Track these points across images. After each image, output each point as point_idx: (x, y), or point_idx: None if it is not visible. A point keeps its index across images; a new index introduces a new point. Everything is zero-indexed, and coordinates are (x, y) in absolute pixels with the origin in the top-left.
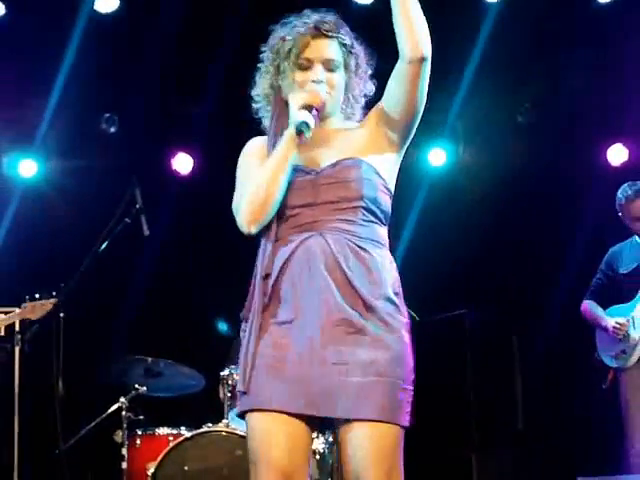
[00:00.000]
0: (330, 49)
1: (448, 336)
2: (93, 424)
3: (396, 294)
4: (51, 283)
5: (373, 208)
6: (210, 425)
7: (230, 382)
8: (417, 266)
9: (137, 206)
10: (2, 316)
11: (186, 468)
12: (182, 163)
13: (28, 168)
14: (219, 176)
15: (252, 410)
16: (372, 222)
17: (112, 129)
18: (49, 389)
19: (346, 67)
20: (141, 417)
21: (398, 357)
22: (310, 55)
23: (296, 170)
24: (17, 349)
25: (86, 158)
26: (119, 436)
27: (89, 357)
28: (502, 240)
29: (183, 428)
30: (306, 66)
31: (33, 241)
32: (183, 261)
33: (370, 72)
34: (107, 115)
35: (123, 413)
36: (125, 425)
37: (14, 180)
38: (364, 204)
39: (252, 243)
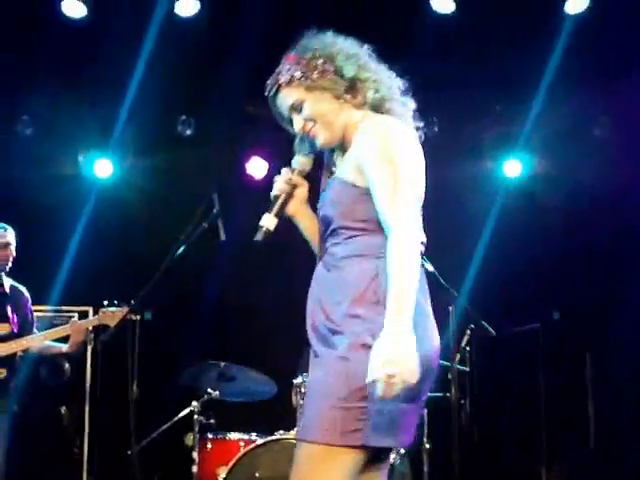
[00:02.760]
0: (280, 101)
1: (521, 351)
2: (165, 427)
3: (375, 303)
4: (126, 284)
5: (349, 224)
6: (282, 432)
7: (303, 390)
8: (492, 279)
9: (214, 210)
10: (78, 321)
11: (257, 475)
12: (257, 167)
13: (104, 168)
14: None
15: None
16: (355, 236)
17: (188, 132)
18: (124, 390)
19: (301, 104)
20: (212, 421)
21: (334, 374)
22: (280, 114)
23: None
24: (89, 348)
25: (161, 159)
26: (190, 439)
27: (164, 360)
28: (578, 253)
29: (254, 434)
30: (289, 123)
31: (108, 241)
32: (258, 267)
33: (325, 68)
34: (183, 117)
35: (195, 417)
36: (197, 429)
37: (90, 180)
38: (339, 223)
39: None
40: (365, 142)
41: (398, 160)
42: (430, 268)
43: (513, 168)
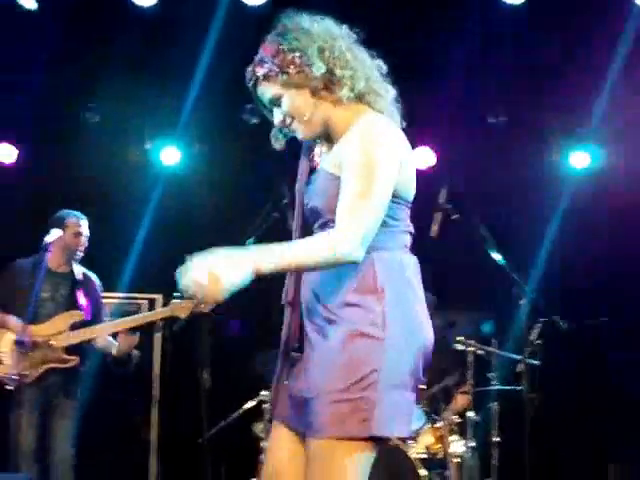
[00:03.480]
0: (262, 92)
1: (589, 344)
2: (234, 416)
3: (371, 292)
4: None
5: (327, 219)
6: None
7: None
8: (561, 271)
9: (284, 201)
10: (148, 311)
11: None
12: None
13: (171, 156)
14: None
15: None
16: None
17: (254, 120)
18: (194, 379)
19: (279, 97)
20: None
21: (331, 366)
22: (260, 104)
23: None
24: (158, 336)
25: (228, 147)
26: (259, 429)
27: (234, 349)
28: None
29: None
30: (269, 114)
31: (176, 229)
32: None
33: (301, 62)
34: (249, 106)
35: (264, 406)
36: (266, 418)
37: (157, 168)
38: (328, 217)
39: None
40: (350, 140)
41: (375, 165)
42: (499, 261)
43: (580, 160)
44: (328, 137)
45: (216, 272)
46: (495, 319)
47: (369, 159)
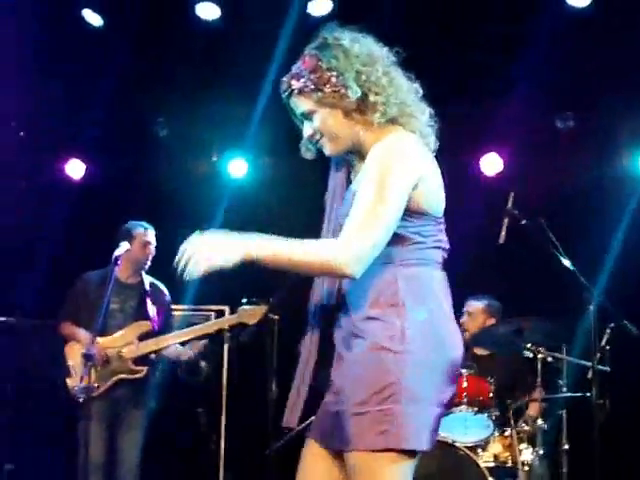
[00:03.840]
0: (294, 105)
1: None
2: (302, 427)
3: (391, 306)
4: (262, 282)
5: None
6: None
7: None
8: (631, 277)
9: None
10: (214, 320)
11: None
12: None
13: (238, 168)
14: None
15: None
16: None
17: None
18: (262, 389)
19: (312, 114)
20: None
21: (352, 379)
22: (294, 116)
23: None
24: (226, 347)
25: (295, 159)
26: None
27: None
28: None
29: None
30: (299, 125)
31: None
32: None
33: (337, 82)
34: None
35: None
36: None
37: (225, 179)
38: None
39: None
40: (372, 157)
41: (388, 179)
42: (569, 266)
43: None
44: (360, 154)
45: (211, 241)
46: (564, 326)
47: (383, 173)
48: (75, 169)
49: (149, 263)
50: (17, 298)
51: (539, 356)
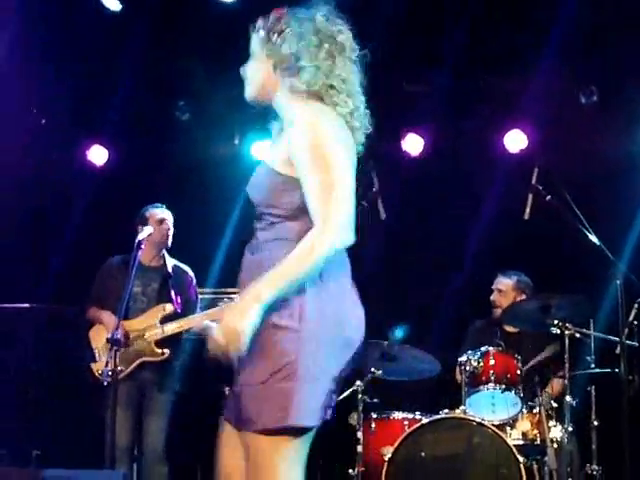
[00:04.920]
0: (253, 43)
1: None
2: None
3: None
4: None
5: (274, 210)
6: (447, 411)
7: (468, 368)
8: None
9: (374, 190)
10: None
11: (422, 454)
12: (411, 144)
13: (261, 150)
14: (448, 156)
15: None
16: (277, 222)
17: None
18: None
19: (256, 57)
20: (376, 400)
21: (253, 359)
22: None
23: None
24: None
25: None
26: (354, 419)
27: None
28: None
29: (418, 413)
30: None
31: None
32: (418, 245)
33: (289, 42)
34: None
35: (359, 396)
36: (360, 408)
37: (247, 161)
38: (262, 210)
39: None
40: (296, 136)
41: (330, 158)
42: (596, 241)
43: None
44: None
45: (230, 326)
46: (591, 301)
47: (319, 152)
48: (98, 155)
49: (170, 242)
50: (38, 284)
51: (566, 332)
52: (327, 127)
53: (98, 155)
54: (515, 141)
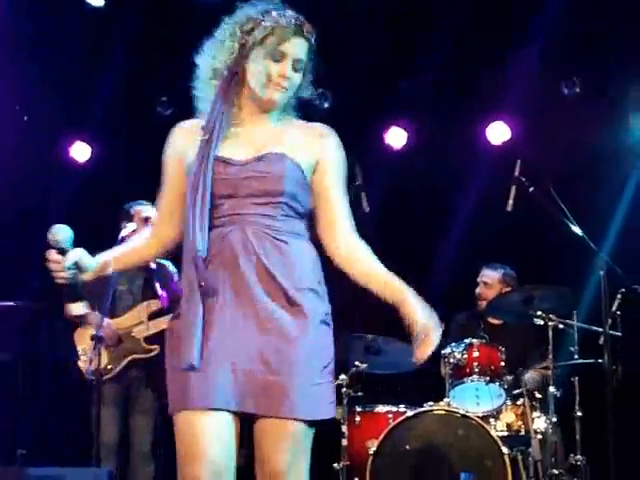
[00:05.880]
0: (303, 50)
1: None
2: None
3: (319, 283)
4: None
5: (294, 204)
6: (431, 403)
7: (452, 360)
8: (636, 241)
9: (357, 183)
10: None
11: (407, 447)
12: (394, 137)
13: None
14: (432, 149)
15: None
16: (292, 217)
17: (326, 104)
18: None
19: (305, 70)
20: (360, 394)
21: (312, 350)
22: (286, 50)
23: (221, 161)
24: None
25: None
26: (339, 413)
27: None
28: None
29: (403, 406)
30: (278, 59)
31: None
32: (401, 237)
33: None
34: (320, 90)
35: (343, 390)
36: (345, 402)
37: None
38: (285, 200)
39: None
40: (334, 149)
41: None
42: (579, 232)
43: None
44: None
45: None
46: (574, 292)
47: (343, 169)
48: (80, 152)
49: None
50: (22, 282)
51: (550, 323)
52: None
53: (81, 152)
54: (498, 133)
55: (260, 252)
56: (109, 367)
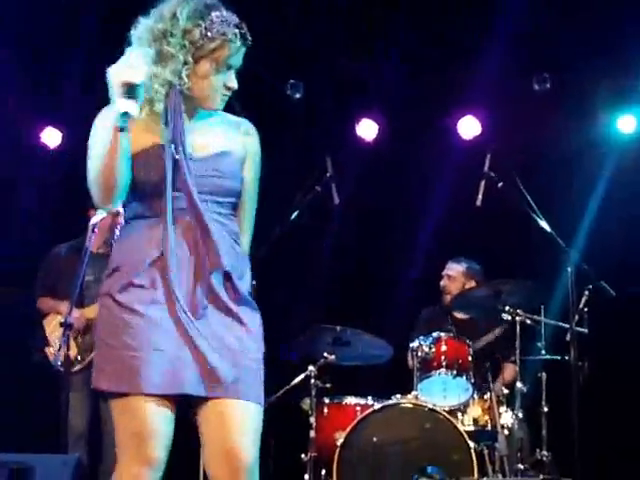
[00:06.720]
0: (242, 55)
1: (636, 310)
2: (281, 392)
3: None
4: None
5: (236, 202)
6: (399, 397)
7: (420, 353)
8: (609, 238)
9: (328, 174)
10: None
11: (375, 439)
12: (365, 129)
13: None
14: (402, 142)
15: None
16: (234, 216)
17: (297, 95)
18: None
19: None
20: (329, 385)
21: (254, 339)
22: (233, 62)
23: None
24: None
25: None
26: (307, 404)
27: (279, 326)
28: None
29: (370, 398)
30: (224, 71)
31: None
32: (371, 230)
33: None
34: (292, 81)
35: (312, 381)
36: (313, 393)
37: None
38: (232, 200)
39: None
40: (257, 147)
41: None
42: (547, 228)
43: (628, 124)
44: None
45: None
46: (542, 288)
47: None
48: (51, 137)
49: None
50: None
51: (517, 319)
52: None
53: (51, 137)
54: (469, 127)
55: (217, 241)
56: (78, 358)
